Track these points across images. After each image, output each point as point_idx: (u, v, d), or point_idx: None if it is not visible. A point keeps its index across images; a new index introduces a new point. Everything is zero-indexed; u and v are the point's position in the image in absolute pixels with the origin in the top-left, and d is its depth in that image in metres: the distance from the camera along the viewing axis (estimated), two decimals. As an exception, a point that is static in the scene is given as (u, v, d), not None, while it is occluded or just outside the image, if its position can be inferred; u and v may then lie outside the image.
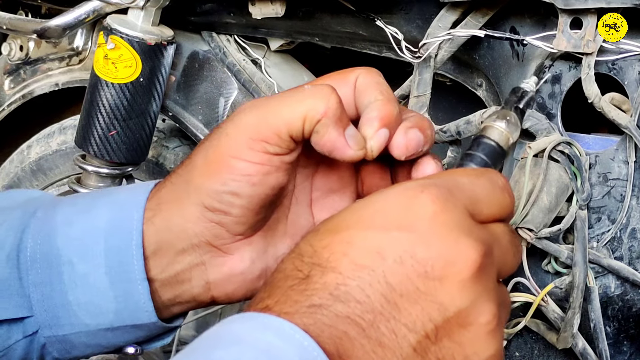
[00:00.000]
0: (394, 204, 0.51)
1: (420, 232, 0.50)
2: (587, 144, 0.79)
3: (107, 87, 0.97)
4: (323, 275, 0.50)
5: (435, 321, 0.50)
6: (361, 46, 0.99)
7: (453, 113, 0.96)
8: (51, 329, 0.63)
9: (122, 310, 0.63)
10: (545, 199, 0.75)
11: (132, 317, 0.63)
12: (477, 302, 0.50)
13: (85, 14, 0.99)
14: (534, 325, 0.81)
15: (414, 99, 0.84)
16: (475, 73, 0.93)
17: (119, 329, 0.63)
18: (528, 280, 0.78)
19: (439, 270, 0.50)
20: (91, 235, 0.62)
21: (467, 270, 0.50)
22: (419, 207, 0.50)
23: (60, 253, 0.62)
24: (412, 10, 0.89)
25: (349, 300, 0.49)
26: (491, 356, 0.51)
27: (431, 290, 0.50)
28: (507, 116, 0.59)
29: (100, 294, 0.62)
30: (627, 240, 0.77)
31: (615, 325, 0.78)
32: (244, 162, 0.59)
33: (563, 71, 0.78)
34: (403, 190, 0.52)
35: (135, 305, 0.62)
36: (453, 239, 0.50)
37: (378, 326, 0.49)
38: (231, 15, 1.02)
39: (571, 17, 0.75)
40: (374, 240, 0.50)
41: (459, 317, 0.50)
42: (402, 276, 0.49)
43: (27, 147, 1.30)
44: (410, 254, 0.50)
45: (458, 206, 0.51)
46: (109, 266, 0.62)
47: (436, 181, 0.52)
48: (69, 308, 0.63)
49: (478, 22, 0.81)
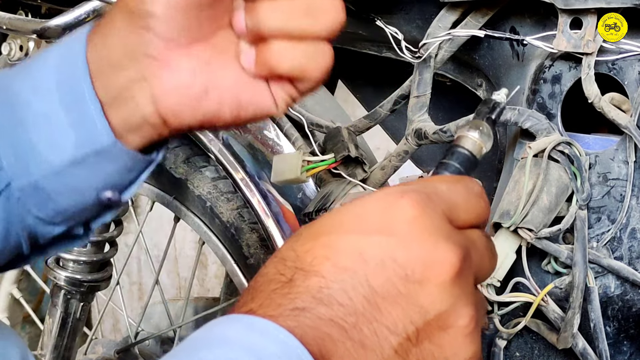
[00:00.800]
0: (374, 208, 0.53)
1: (400, 236, 0.51)
2: (587, 144, 0.79)
3: (107, 87, 0.97)
4: (306, 278, 0.51)
5: (416, 323, 0.51)
6: (361, 46, 0.99)
7: (453, 113, 0.96)
8: (21, 178, 0.64)
9: (81, 138, 0.62)
10: (545, 199, 0.75)
11: (92, 142, 0.62)
12: (456, 305, 0.51)
13: (85, 14, 0.99)
14: (534, 325, 0.81)
15: (414, 99, 0.84)
16: (475, 73, 0.93)
17: (83, 162, 0.63)
18: (528, 280, 0.78)
19: (419, 274, 0.51)
20: (43, 72, 0.63)
21: (447, 274, 0.51)
22: (399, 211, 0.52)
23: (19, 95, 0.63)
24: (412, 10, 0.89)
25: (331, 303, 0.50)
26: (469, 358, 0.52)
27: (412, 293, 0.51)
28: (480, 126, 0.61)
29: (58, 125, 0.62)
30: (627, 240, 0.77)
31: (615, 325, 0.78)
32: None
33: (563, 71, 0.78)
34: (383, 196, 0.53)
35: (92, 127, 0.62)
36: (433, 242, 0.51)
37: (360, 328, 0.50)
38: (231, 15, 1.02)
39: (571, 17, 0.75)
40: (355, 244, 0.51)
41: (439, 319, 0.51)
42: (383, 279, 0.51)
43: (27, 147, 1.30)
44: (392, 258, 0.51)
45: (437, 211, 0.53)
46: (61, 95, 0.62)
47: (415, 187, 0.54)
48: (34, 150, 0.63)
49: (478, 22, 0.81)
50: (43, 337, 1.31)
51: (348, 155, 0.87)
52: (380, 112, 0.89)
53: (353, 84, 1.14)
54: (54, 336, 1.28)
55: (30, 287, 2.12)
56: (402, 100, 0.87)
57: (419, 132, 0.83)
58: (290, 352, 0.48)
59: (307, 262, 0.51)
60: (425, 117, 0.84)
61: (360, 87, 1.13)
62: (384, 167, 0.88)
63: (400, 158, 0.86)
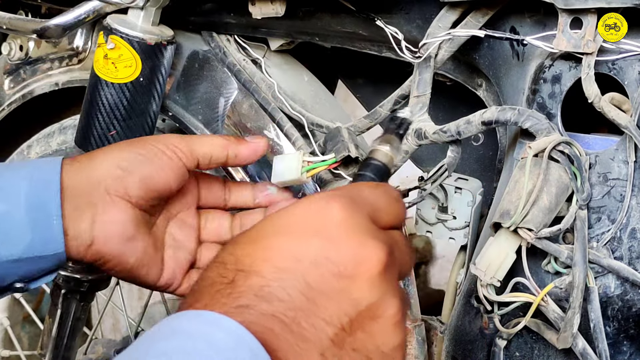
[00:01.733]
0: (306, 213, 0.58)
1: (331, 236, 0.57)
2: (587, 144, 0.79)
3: (106, 87, 0.97)
4: (247, 279, 0.55)
5: (349, 315, 0.56)
6: (361, 46, 0.99)
7: (453, 113, 0.96)
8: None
9: (35, 242, 0.73)
10: (545, 198, 0.75)
11: (43, 249, 0.74)
12: (384, 297, 0.57)
13: (85, 13, 0.99)
14: (534, 325, 0.81)
15: (414, 99, 0.84)
16: (475, 73, 0.93)
17: (26, 260, 0.74)
18: (528, 280, 0.78)
19: (350, 270, 0.56)
20: (13, 183, 0.74)
21: (375, 269, 0.56)
22: (329, 215, 0.57)
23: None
24: (412, 10, 0.89)
25: (272, 299, 0.55)
26: (397, 345, 0.57)
27: (345, 288, 0.56)
28: (390, 141, 0.69)
29: (18, 227, 0.73)
30: (627, 240, 0.77)
31: (615, 325, 0.78)
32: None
33: (563, 71, 0.78)
34: (313, 201, 0.59)
35: (49, 236, 0.73)
36: (361, 241, 0.57)
37: (299, 322, 0.55)
38: (231, 15, 1.02)
39: (571, 17, 0.75)
40: (291, 246, 0.57)
41: (370, 310, 0.56)
42: (318, 276, 0.56)
43: (27, 147, 1.30)
44: (325, 256, 0.56)
45: (362, 213, 0.59)
46: (29, 204, 0.73)
47: (341, 192, 0.60)
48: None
49: (478, 22, 0.81)
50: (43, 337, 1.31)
51: (348, 155, 0.87)
52: (381, 111, 0.89)
53: (353, 83, 1.14)
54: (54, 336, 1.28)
55: (30, 287, 2.12)
56: (402, 100, 0.87)
57: (419, 132, 0.83)
58: (242, 341, 0.52)
59: (247, 264, 0.56)
60: (425, 117, 0.84)
61: (360, 87, 1.13)
62: (384, 167, 0.88)
63: (400, 158, 0.86)
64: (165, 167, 0.77)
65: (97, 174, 0.76)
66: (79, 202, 0.75)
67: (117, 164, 0.76)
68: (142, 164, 0.76)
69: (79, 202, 0.75)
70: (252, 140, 0.81)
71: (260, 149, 0.81)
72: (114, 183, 0.76)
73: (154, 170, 0.77)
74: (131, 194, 0.76)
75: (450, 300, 1.00)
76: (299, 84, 1.05)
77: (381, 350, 0.57)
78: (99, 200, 0.75)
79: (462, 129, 0.80)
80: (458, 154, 0.82)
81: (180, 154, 0.78)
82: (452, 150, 0.82)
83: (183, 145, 0.78)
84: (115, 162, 0.76)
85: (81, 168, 0.76)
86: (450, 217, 0.94)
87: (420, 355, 1.01)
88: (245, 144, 0.80)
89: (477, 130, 0.79)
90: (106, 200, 0.76)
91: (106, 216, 0.75)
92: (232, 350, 0.51)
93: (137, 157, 0.77)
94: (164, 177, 0.77)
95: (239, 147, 0.80)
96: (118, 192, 0.76)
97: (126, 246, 0.77)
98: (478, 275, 0.79)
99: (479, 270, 0.78)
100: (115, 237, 0.76)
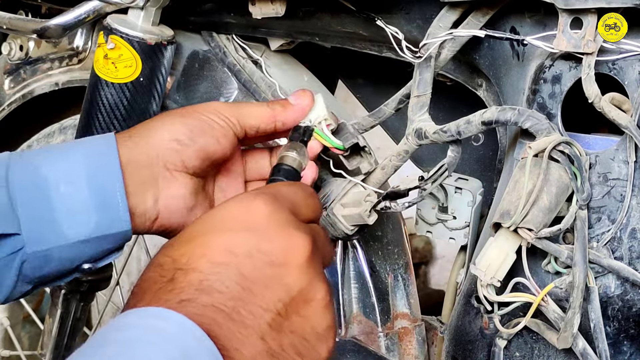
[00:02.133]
0: (235, 210, 0.63)
1: (261, 229, 0.61)
2: (587, 144, 0.79)
3: (107, 87, 0.97)
4: (186, 275, 0.59)
5: (283, 300, 0.60)
6: (361, 46, 0.99)
7: (453, 113, 0.96)
8: (36, 245, 0.75)
9: (102, 221, 0.76)
10: (546, 198, 0.75)
11: (111, 226, 0.76)
12: (313, 282, 0.62)
13: (85, 13, 0.99)
14: (534, 325, 0.81)
15: (415, 99, 0.84)
16: (475, 73, 0.93)
17: (94, 240, 0.76)
18: (528, 280, 0.78)
19: (281, 258, 0.61)
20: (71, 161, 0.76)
21: (303, 256, 0.61)
22: (256, 210, 0.62)
23: (47, 181, 0.75)
24: (412, 10, 0.89)
25: (212, 292, 0.58)
26: (329, 326, 0.62)
27: (277, 275, 0.61)
28: (297, 147, 0.79)
29: (83, 206, 0.75)
30: (627, 240, 0.77)
31: (615, 325, 0.78)
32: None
33: (563, 71, 0.78)
34: (240, 200, 0.64)
35: (115, 214, 0.76)
36: (288, 232, 0.62)
37: (239, 310, 0.59)
38: (231, 15, 1.02)
39: (571, 17, 0.75)
40: (225, 241, 0.61)
41: (301, 294, 0.61)
42: (252, 267, 0.60)
43: (27, 147, 1.30)
44: (257, 248, 0.61)
45: (284, 207, 0.64)
46: (91, 185, 0.76)
47: (262, 191, 0.66)
48: (54, 224, 0.75)
49: (478, 22, 0.81)
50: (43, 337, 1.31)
51: (355, 147, 0.87)
52: (385, 110, 0.89)
53: (353, 83, 1.14)
54: (54, 336, 1.28)
55: (30, 287, 2.12)
56: (406, 99, 0.87)
57: (419, 131, 0.83)
58: (186, 330, 0.55)
59: (183, 263, 0.60)
60: (425, 117, 0.84)
61: (360, 87, 1.13)
62: (384, 166, 0.88)
63: (400, 158, 0.86)
64: (218, 136, 0.80)
65: (155, 149, 0.79)
66: (140, 178, 0.78)
67: (173, 137, 0.79)
68: (197, 136, 0.79)
69: (140, 178, 0.78)
70: (297, 102, 0.83)
71: (307, 107, 0.83)
72: (172, 157, 0.79)
73: (208, 140, 0.80)
74: (188, 165, 0.79)
75: (450, 300, 1.00)
76: (299, 84, 1.05)
77: (316, 331, 0.62)
78: (159, 176, 0.79)
79: (462, 128, 0.80)
80: (458, 153, 0.82)
81: (230, 123, 0.81)
82: (452, 150, 0.82)
83: (231, 115, 0.81)
84: (171, 135, 0.79)
85: (138, 143, 0.79)
86: (450, 217, 0.94)
87: (420, 355, 1.01)
88: (292, 109, 0.83)
89: (477, 130, 0.79)
90: (166, 176, 0.79)
91: (168, 192, 0.79)
92: (179, 337, 0.54)
93: (192, 129, 0.79)
94: (218, 146, 0.80)
95: (286, 114, 0.83)
96: (177, 167, 0.79)
97: (188, 216, 0.81)
98: (478, 275, 0.79)
99: (479, 270, 0.78)
100: (178, 210, 0.80)
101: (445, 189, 0.94)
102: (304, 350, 0.61)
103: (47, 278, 0.78)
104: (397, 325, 1.01)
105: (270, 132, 0.83)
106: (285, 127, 0.83)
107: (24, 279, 0.77)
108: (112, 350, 0.53)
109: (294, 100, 0.83)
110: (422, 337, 1.02)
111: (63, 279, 0.80)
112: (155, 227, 0.80)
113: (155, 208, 0.79)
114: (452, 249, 0.98)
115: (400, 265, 1.03)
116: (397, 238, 1.03)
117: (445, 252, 2.59)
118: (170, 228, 0.81)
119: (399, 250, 1.03)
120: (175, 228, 0.81)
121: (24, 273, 0.76)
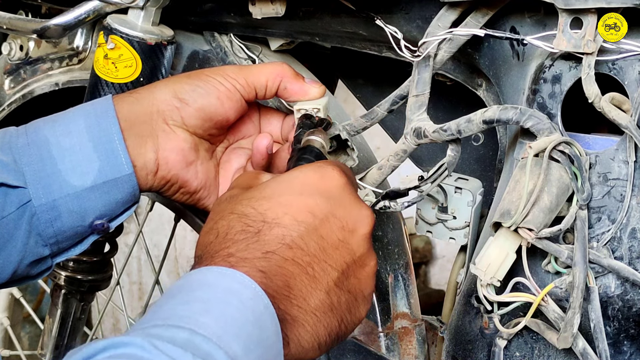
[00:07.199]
0: (313, 176, 0.71)
1: (336, 198, 0.70)
2: (587, 144, 0.79)
3: (107, 87, 0.97)
4: (271, 229, 0.67)
5: (347, 262, 0.70)
6: (361, 46, 0.99)
7: (453, 113, 0.96)
8: (43, 197, 0.79)
9: (105, 166, 0.79)
10: (546, 198, 0.75)
11: (113, 171, 0.80)
12: (370, 251, 0.72)
13: (85, 13, 0.99)
14: (534, 325, 0.81)
15: (413, 98, 0.84)
16: (475, 73, 0.93)
17: (100, 188, 0.80)
18: (528, 280, 0.78)
19: (351, 225, 0.70)
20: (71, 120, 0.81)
21: (367, 227, 0.71)
22: (332, 179, 0.71)
23: (48, 139, 0.80)
24: (412, 10, 0.89)
25: (292, 247, 0.67)
26: (372, 291, 0.73)
27: (346, 239, 0.70)
28: (320, 133, 0.81)
29: (85, 155, 0.79)
30: (627, 240, 0.77)
31: (615, 325, 0.78)
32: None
33: (563, 71, 0.78)
34: (317, 167, 0.72)
35: (115, 159, 0.79)
36: (358, 204, 0.72)
37: (313, 266, 0.67)
38: (231, 15, 1.02)
39: (571, 17, 0.75)
40: (307, 203, 0.69)
41: (361, 259, 0.71)
42: (328, 229, 0.69)
43: (27, 147, 1.30)
44: (332, 213, 0.69)
45: (353, 182, 0.74)
46: (90, 135, 0.79)
47: (335, 162, 0.74)
48: (58, 175, 0.79)
49: (478, 21, 0.81)
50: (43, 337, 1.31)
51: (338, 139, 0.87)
52: (378, 111, 0.89)
53: (353, 83, 1.14)
54: (54, 336, 1.28)
55: (30, 287, 2.12)
56: (400, 100, 0.87)
57: (418, 130, 0.83)
58: (258, 297, 0.62)
59: (270, 217, 0.67)
60: (424, 117, 0.83)
61: (360, 87, 1.13)
62: (382, 166, 0.88)
63: (398, 157, 0.86)
64: (222, 98, 0.82)
65: (156, 104, 0.82)
66: (139, 131, 0.81)
67: (174, 95, 0.82)
68: (200, 96, 0.82)
69: (138, 131, 0.81)
70: (308, 82, 0.86)
71: (311, 93, 0.85)
72: (172, 113, 0.82)
73: (210, 101, 0.82)
74: (188, 123, 0.82)
75: (450, 300, 1.00)
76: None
77: (363, 294, 0.71)
78: (159, 130, 0.82)
79: (462, 127, 0.80)
80: (458, 153, 0.82)
81: (237, 85, 0.83)
82: (452, 150, 0.82)
83: (240, 77, 0.83)
84: (172, 93, 0.82)
85: (139, 99, 0.82)
86: (450, 217, 0.94)
87: (420, 355, 1.01)
88: (298, 82, 0.85)
89: (478, 129, 0.79)
90: (165, 130, 0.82)
91: (167, 145, 0.82)
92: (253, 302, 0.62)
93: (194, 88, 0.82)
94: (220, 108, 0.82)
95: (291, 80, 0.85)
96: (176, 122, 0.82)
97: (189, 171, 0.84)
98: (478, 275, 0.79)
99: (479, 270, 0.78)
100: (177, 163, 0.83)
101: (445, 189, 0.94)
102: (353, 308, 0.70)
103: (63, 240, 0.81)
104: (397, 325, 1.01)
105: (274, 91, 0.84)
106: (286, 94, 0.85)
107: (38, 240, 0.80)
108: (199, 307, 0.60)
109: (307, 79, 0.86)
110: (422, 337, 1.02)
111: (79, 245, 0.83)
112: (157, 182, 0.82)
113: (155, 160, 0.81)
114: (452, 249, 0.99)
115: (400, 265, 1.03)
116: (397, 238, 1.03)
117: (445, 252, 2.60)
118: (171, 181, 0.83)
119: (399, 250, 1.03)
120: (176, 181, 0.83)
121: (35, 230, 0.79)
